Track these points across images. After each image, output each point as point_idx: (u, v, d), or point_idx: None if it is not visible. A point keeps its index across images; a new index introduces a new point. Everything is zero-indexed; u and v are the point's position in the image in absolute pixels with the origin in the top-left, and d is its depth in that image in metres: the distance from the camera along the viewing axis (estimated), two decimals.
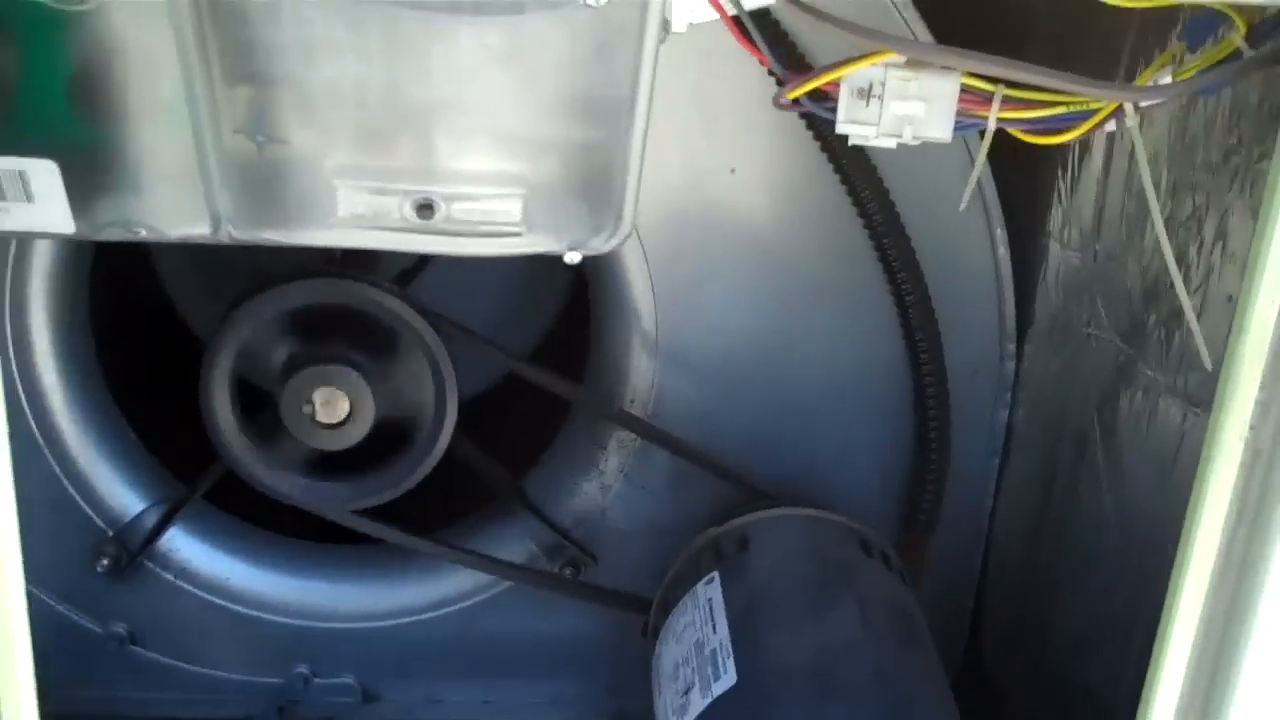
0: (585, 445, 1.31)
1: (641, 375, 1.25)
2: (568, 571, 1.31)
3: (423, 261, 1.29)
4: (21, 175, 0.72)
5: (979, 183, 1.18)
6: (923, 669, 1.06)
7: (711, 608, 1.10)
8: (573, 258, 0.80)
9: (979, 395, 1.27)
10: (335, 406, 1.16)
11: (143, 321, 1.44)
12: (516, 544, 1.32)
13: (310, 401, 1.16)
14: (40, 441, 1.24)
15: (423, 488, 1.30)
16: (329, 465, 1.22)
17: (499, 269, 1.49)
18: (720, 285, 1.22)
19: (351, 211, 0.75)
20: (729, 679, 1.02)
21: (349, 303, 1.15)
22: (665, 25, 0.74)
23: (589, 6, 0.65)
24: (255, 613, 1.32)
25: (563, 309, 1.56)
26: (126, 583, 1.29)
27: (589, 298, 1.31)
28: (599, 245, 0.79)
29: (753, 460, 1.27)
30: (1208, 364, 0.75)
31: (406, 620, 1.34)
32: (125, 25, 0.66)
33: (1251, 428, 0.68)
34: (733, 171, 1.17)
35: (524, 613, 1.34)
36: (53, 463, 1.25)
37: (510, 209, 0.76)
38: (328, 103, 0.70)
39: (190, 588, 1.31)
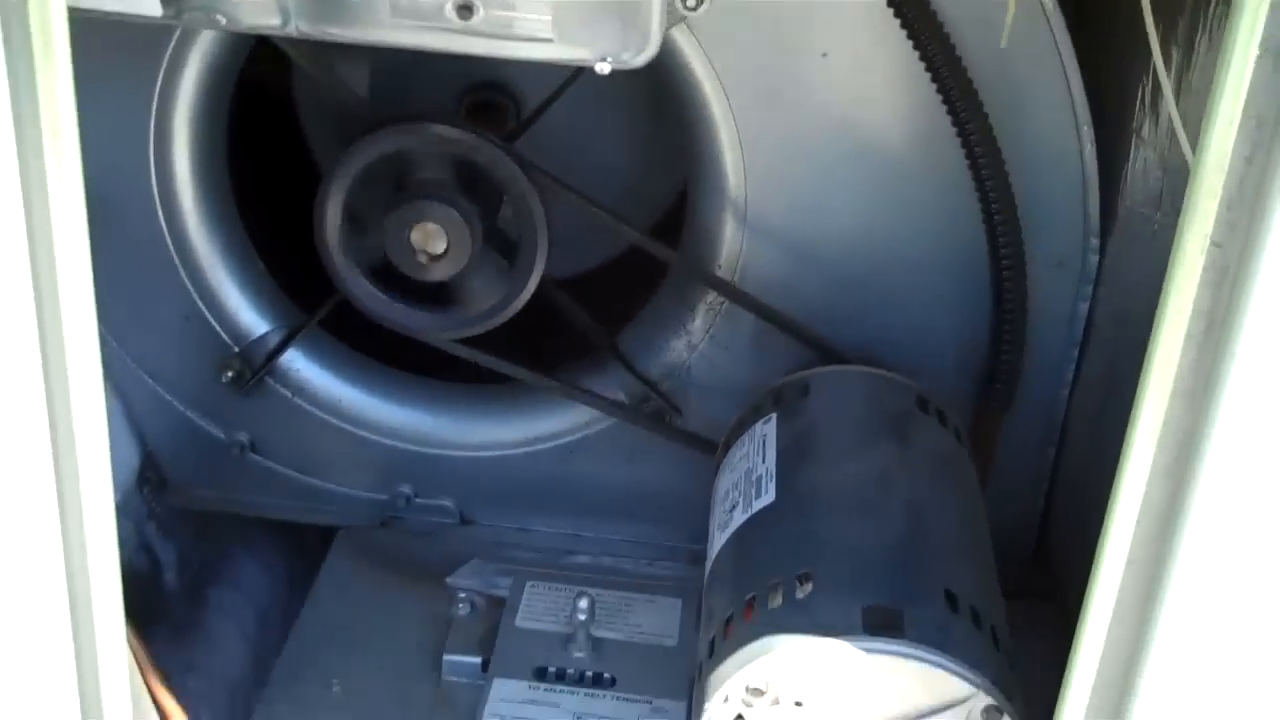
0: (675, 306, 1.38)
1: (730, 243, 1.31)
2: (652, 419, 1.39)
3: (529, 120, 1.37)
4: None
5: (1067, 81, 1.20)
6: (958, 510, 1.11)
7: (765, 442, 1.17)
8: (602, 68, 0.87)
9: (1061, 288, 1.30)
10: (434, 240, 1.25)
11: (280, 169, 1.55)
12: (605, 392, 1.40)
13: (411, 233, 1.25)
14: (175, 259, 1.36)
15: (525, 337, 1.40)
16: (432, 298, 1.31)
17: (619, 152, 1.55)
18: (807, 163, 1.26)
19: (401, 10, 0.84)
20: (768, 498, 1.10)
21: (449, 149, 1.24)
22: None
23: None
24: (364, 433, 1.44)
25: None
26: (249, 396, 1.42)
27: (687, 175, 1.36)
28: (628, 59, 0.86)
29: (832, 330, 1.32)
30: None
31: (501, 453, 1.44)
32: None
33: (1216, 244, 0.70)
34: (824, 55, 1.22)
35: (610, 457, 1.43)
36: (186, 280, 1.37)
37: (542, 16, 0.83)
38: None
39: (307, 405, 1.43)
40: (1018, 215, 1.24)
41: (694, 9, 1.17)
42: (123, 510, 1.41)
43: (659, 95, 1.32)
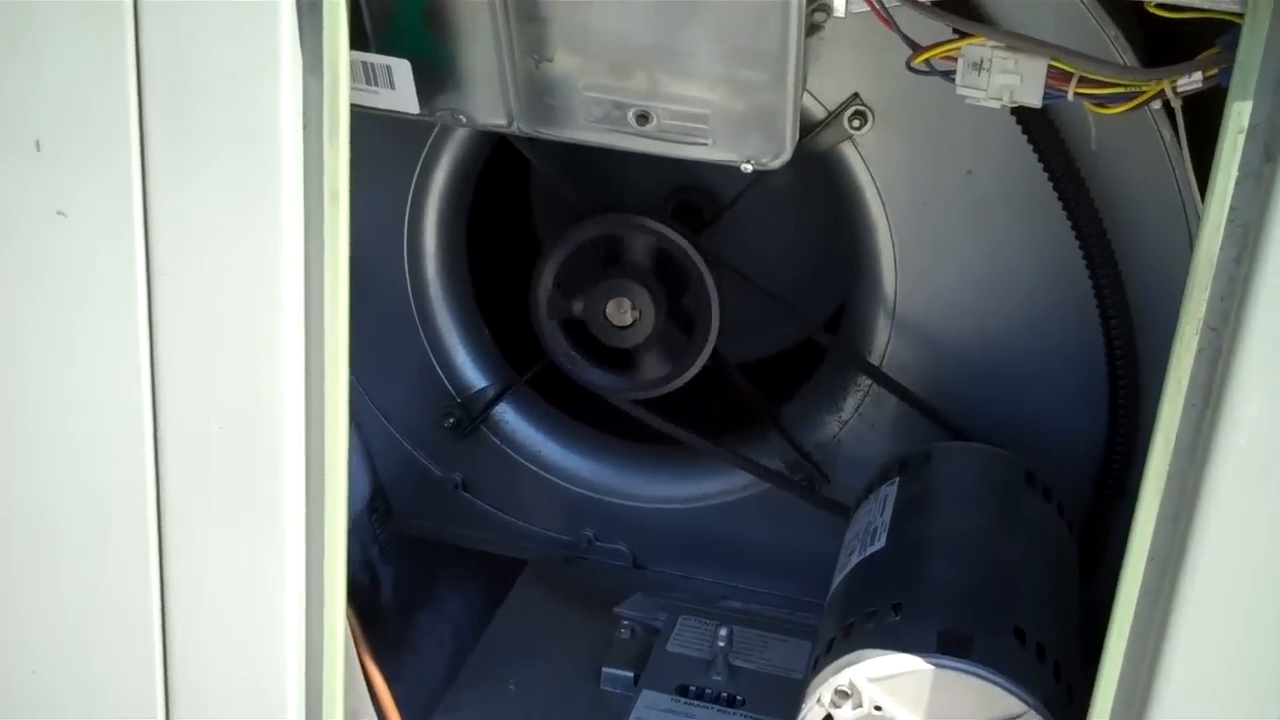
0: (830, 387, 1.59)
1: (880, 333, 1.51)
2: (802, 487, 1.60)
3: (716, 217, 1.61)
4: (389, 69, 1.10)
5: (1179, 191, 1.37)
6: (1045, 568, 1.28)
7: (886, 500, 1.36)
8: (746, 169, 1.11)
9: None
10: (624, 312, 1.50)
11: (508, 244, 1.83)
12: (764, 460, 1.61)
13: (607, 305, 1.50)
14: (416, 320, 1.64)
15: (698, 405, 1.63)
16: (619, 362, 1.56)
17: (795, 249, 1.78)
18: (951, 266, 1.46)
19: (594, 117, 1.09)
20: (879, 544, 1.29)
21: (644, 237, 1.49)
22: (824, 7, 1.04)
23: None
24: (558, 481, 1.68)
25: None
26: (465, 441, 1.68)
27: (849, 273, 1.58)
28: (767, 162, 1.09)
29: (963, 412, 1.51)
30: None
31: (670, 507, 1.66)
32: None
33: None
34: (969, 172, 1.42)
35: (764, 517, 1.62)
36: (424, 338, 1.65)
37: (701, 125, 1.08)
38: (582, 39, 1.04)
39: (512, 453, 1.68)
40: (1131, 319, 1.41)
41: (859, 129, 1.40)
42: (352, 531, 1.68)
43: (832, 202, 1.54)
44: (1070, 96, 1.02)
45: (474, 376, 1.68)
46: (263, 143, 0.98)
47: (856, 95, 1.39)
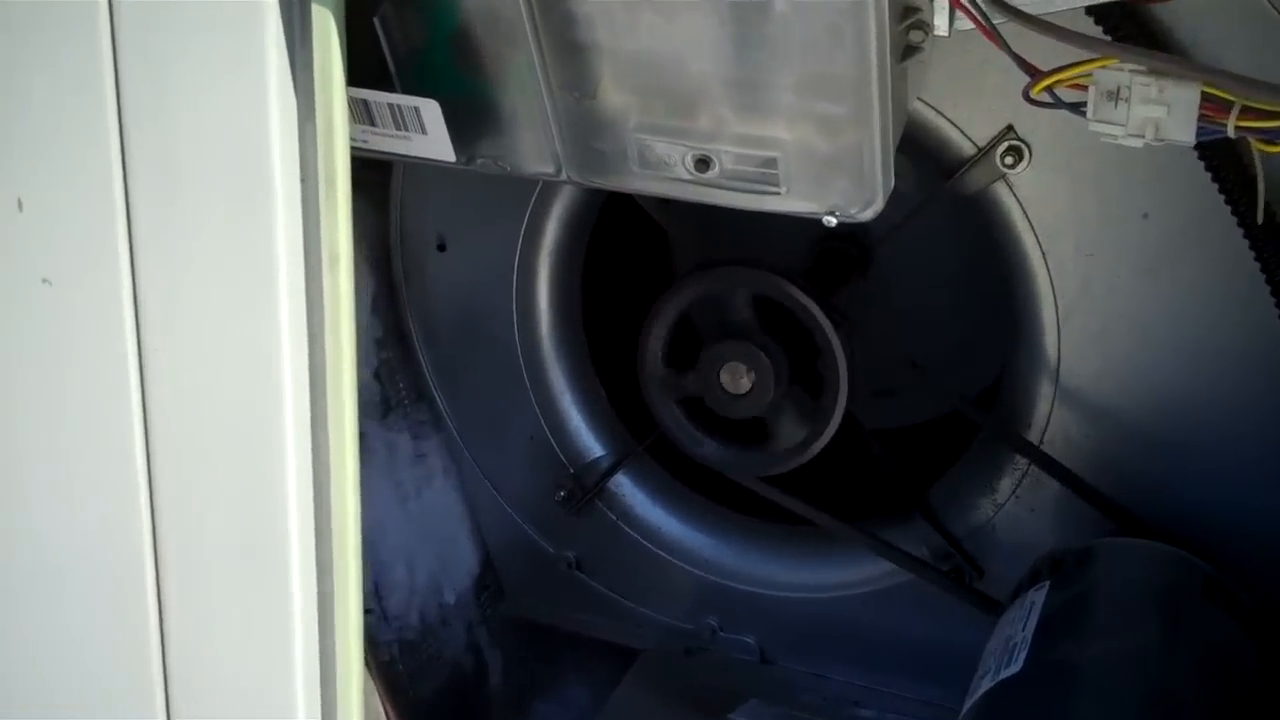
0: (984, 465, 1.38)
1: (1042, 403, 1.31)
2: (952, 578, 1.39)
3: (845, 273, 1.42)
4: (417, 111, 0.96)
5: None
6: (1221, 710, 1.05)
7: (1031, 609, 1.15)
8: (829, 221, 0.92)
9: None
10: (739, 378, 1.32)
11: (629, 299, 1.67)
12: (909, 548, 1.41)
13: (721, 371, 1.33)
14: (527, 384, 1.50)
15: (831, 483, 1.44)
16: (746, 435, 1.38)
17: (955, 304, 1.58)
18: (1124, 324, 1.25)
19: (648, 163, 0.93)
20: (1014, 668, 1.08)
21: (764, 292, 1.31)
22: (921, 24, 0.85)
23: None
24: (678, 562, 1.52)
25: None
26: (578, 516, 1.53)
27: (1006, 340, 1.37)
28: (855, 214, 0.91)
29: (1139, 499, 1.28)
30: None
31: (804, 595, 1.48)
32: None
33: None
34: (1145, 216, 1.21)
35: (912, 610, 1.43)
36: (535, 405, 1.51)
37: (771, 170, 0.90)
38: (627, 70, 0.88)
39: (628, 529, 1.52)
40: None
41: (1012, 166, 1.21)
42: (456, 612, 1.55)
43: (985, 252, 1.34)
44: (1231, 131, 0.82)
45: (588, 444, 1.53)
46: (253, 202, 0.85)
47: (1010, 129, 1.21)
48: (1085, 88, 0.85)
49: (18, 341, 0.92)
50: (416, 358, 1.54)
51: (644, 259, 1.67)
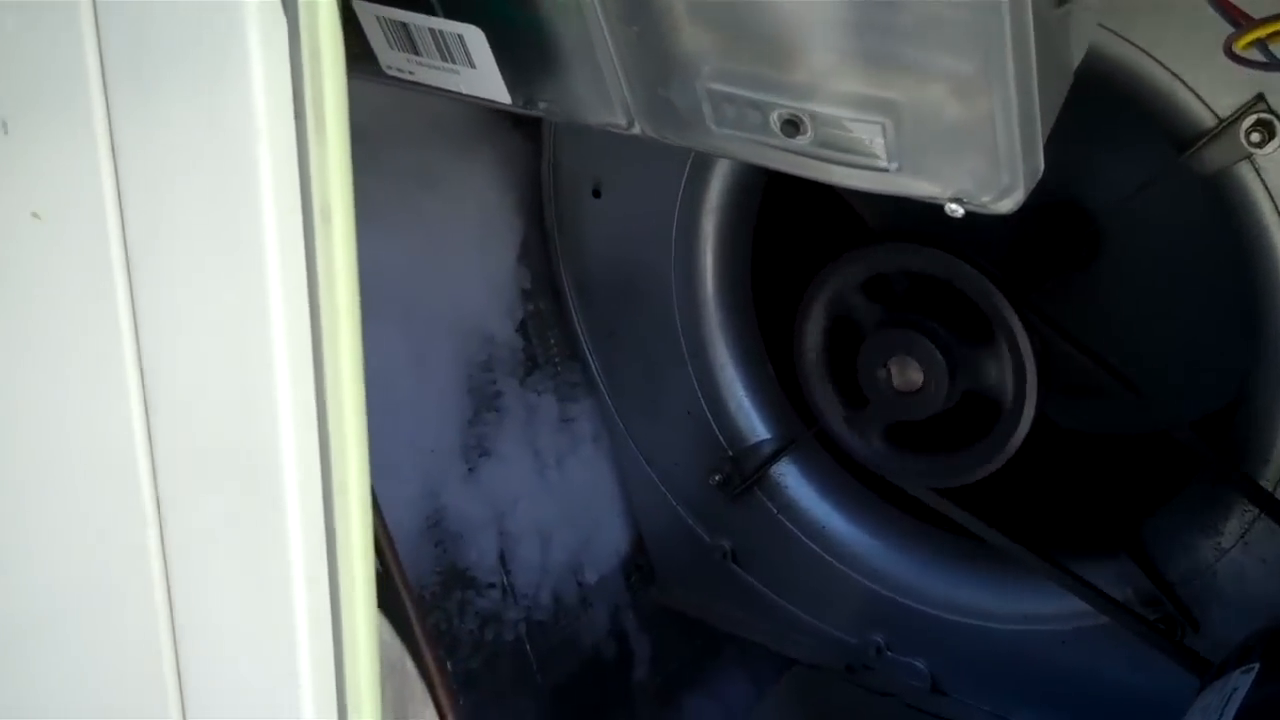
0: (1209, 499, 1.14)
1: None
2: (1160, 629, 1.15)
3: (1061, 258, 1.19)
4: (461, 39, 0.79)
5: None
6: None
7: (1231, 696, 0.93)
8: (954, 210, 0.71)
9: None
10: (909, 374, 1.12)
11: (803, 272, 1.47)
12: (1109, 586, 1.18)
13: (885, 366, 1.12)
14: (685, 355, 1.33)
15: (1024, 497, 1.22)
16: (913, 437, 1.17)
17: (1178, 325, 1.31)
18: None
19: (725, 120, 0.73)
20: None
21: (940, 275, 1.10)
22: None
23: None
24: (843, 567, 1.32)
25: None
26: (735, 503, 1.35)
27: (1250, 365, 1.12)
28: (988, 202, 0.69)
29: None
30: None
31: (987, 624, 1.26)
32: None
33: None
34: None
35: (1112, 656, 1.20)
36: (693, 377, 1.33)
37: (875, 139, 0.69)
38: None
39: (789, 524, 1.34)
40: None
41: (1260, 145, 0.96)
42: (598, 593, 1.40)
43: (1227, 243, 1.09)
44: None
45: (749, 425, 1.34)
46: (235, 138, 0.70)
47: (1261, 99, 0.97)
48: None
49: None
50: (569, 313, 1.38)
51: (832, 218, 1.46)
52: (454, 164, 1.30)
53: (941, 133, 0.68)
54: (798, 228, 1.35)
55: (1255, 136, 0.98)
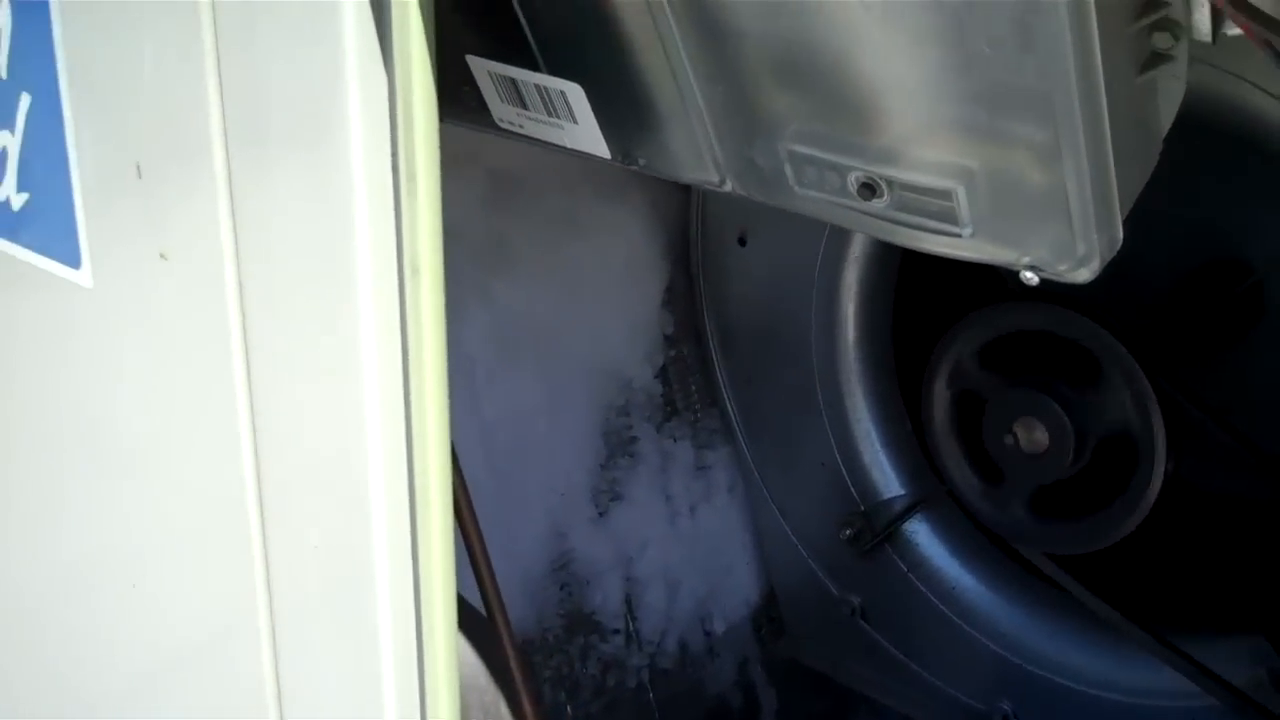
0: None
1: None
2: None
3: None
4: (564, 95, 0.81)
5: None
6: None
7: None
8: (1029, 278, 0.70)
9: None
10: (1035, 436, 1.10)
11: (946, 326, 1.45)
12: (1240, 664, 1.13)
13: (1015, 426, 1.11)
14: (822, 405, 1.32)
15: (1161, 578, 1.19)
16: (1056, 504, 1.15)
17: None
18: None
19: (806, 180, 0.74)
20: None
21: (1073, 338, 1.08)
22: (1168, 23, 0.62)
23: None
24: (972, 630, 1.30)
25: None
26: (866, 558, 1.34)
27: None
28: (1064, 271, 0.68)
29: None
30: None
31: (1118, 698, 1.23)
32: None
33: None
34: None
35: None
36: (828, 428, 1.33)
37: (946, 204, 0.68)
38: (776, 63, 0.69)
39: (919, 583, 1.32)
40: None
41: None
42: (726, 643, 1.41)
43: None
44: None
45: (883, 480, 1.33)
46: (336, 193, 0.74)
47: None
48: None
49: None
50: (711, 359, 1.39)
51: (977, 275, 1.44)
52: (602, 210, 1.33)
53: (1016, 200, 0.67)
54: (942, 283, 1.34)
55: None
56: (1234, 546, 1.20)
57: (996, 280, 1.27)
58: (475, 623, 0.96)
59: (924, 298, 1.34)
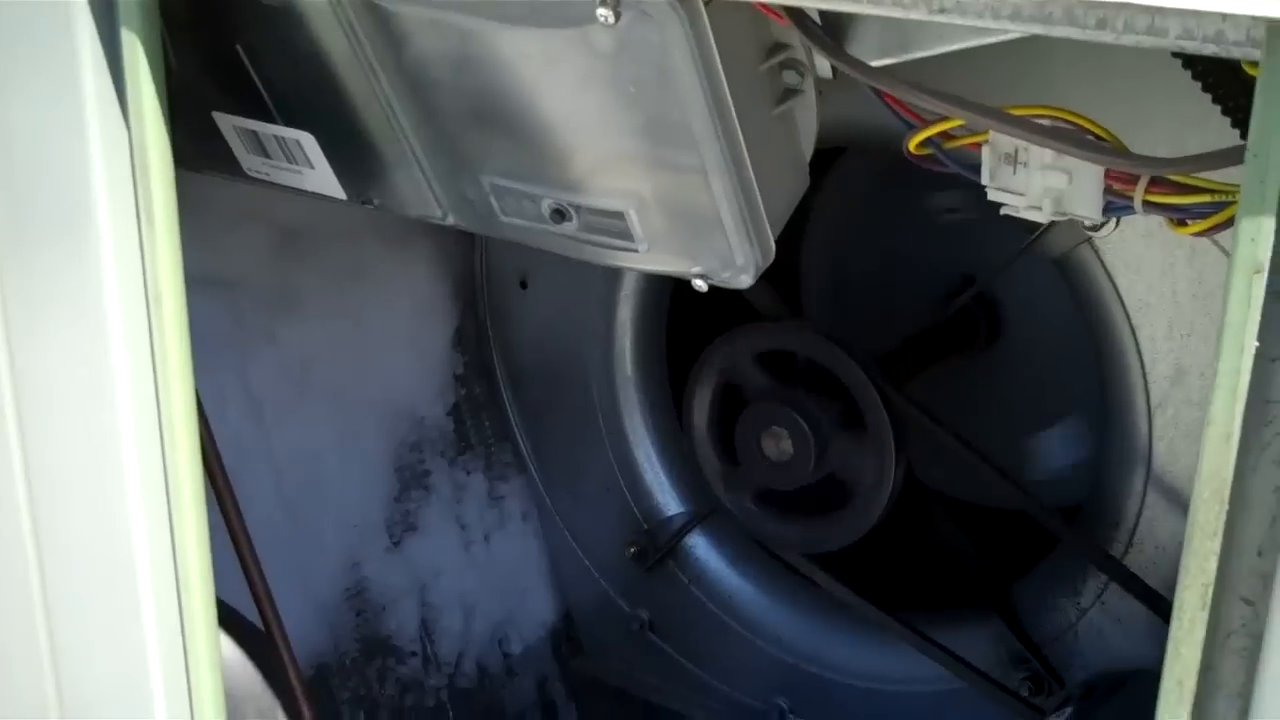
0: (1070, 563, 1.20)
1: (1131, 499, 1.13)
2: (1027, 687, 1.21)
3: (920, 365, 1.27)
4: (299, 144, 0.90)
5: None
6: None
7: None
8: (699, 285, 0.80)
9: None
10: (781, 446, 1.19)
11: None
12: (984, 646, 1.24)
13: (759, 436, 1.20)
14: (604, 433, 1.41)
15: (908, 563, 1.29)
16: (785, 505, 1.25)
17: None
18: None
19: (509, 210, 0.83)
20: None
21: (811, 355, 1.18)
22: (794, 63, 0.72)
23: (604, 26, 0.66)
24: (748, 634, 1.39)
25: None
26: (651, 574, 1.43)
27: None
28: (727, 278, 0.78)
29: None
30: None
31: (875, 686, 1.33)
32: (306, 21, 0.80)
33: None
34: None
35: (991, 716, 1.26)
36: (610, 454, 1.42)
37: (626, 225, 0.78)
38: (472, 108, 0.78)
39: (700, 594, 1.41)
40: None
41: (1095, 229, 1.04)
42: (524, 664, 1.48)
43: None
44: (1139, 207, 0.65)
45: (664, 500, 1.43)
46: (78, 243, 0.81)
47: None
48: (977, 148, 0.70)
49: None
50: (502, 396, 1.48)
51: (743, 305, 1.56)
52: (390, 257, 1.41)
53: (681, 218, 0.77)
54: (713, 315, 1.45)
55: (1088, 222, 1.06)
56: (972, 539, 1.31)
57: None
58: (253, 639, 1.03)
59: (695, 326, 1.44)
